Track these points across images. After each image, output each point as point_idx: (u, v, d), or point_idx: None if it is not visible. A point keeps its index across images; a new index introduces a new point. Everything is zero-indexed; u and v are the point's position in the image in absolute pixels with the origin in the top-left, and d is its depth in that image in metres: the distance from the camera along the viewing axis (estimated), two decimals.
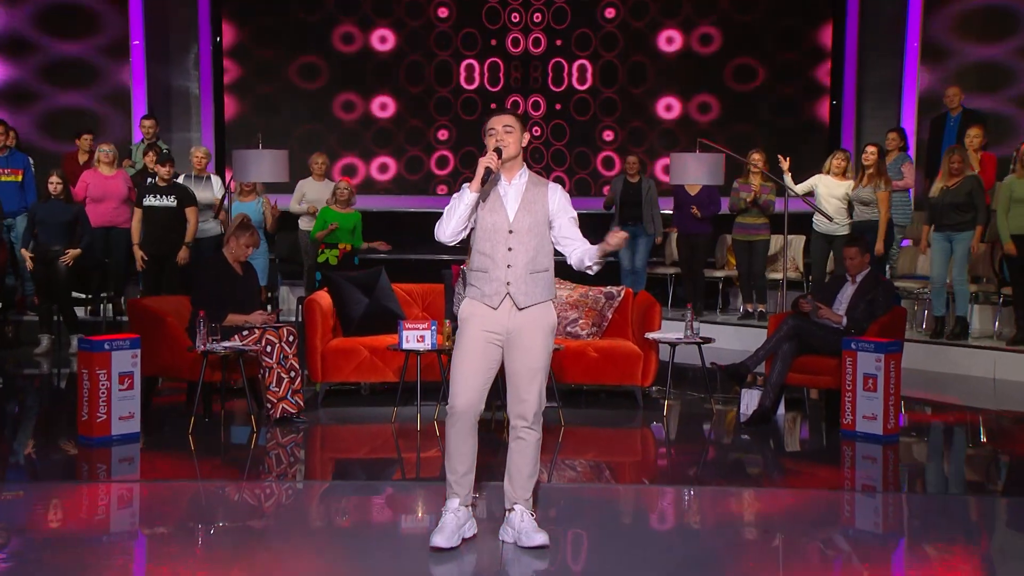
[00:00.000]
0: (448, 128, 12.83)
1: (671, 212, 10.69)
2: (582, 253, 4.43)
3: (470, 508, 4.55)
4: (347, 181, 9.68)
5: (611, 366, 7.43)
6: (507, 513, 4.53)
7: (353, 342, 7.48)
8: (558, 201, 4.46)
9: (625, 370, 7.42)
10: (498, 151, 4.36)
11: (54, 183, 9.25)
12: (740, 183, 10.17)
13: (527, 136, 4.48)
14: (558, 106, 12.75)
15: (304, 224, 10.26)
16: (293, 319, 10.48)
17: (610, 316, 7.79)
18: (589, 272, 4.46)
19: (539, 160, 12.78)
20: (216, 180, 9.89)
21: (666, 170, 12.09)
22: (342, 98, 12.79)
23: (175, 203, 9.15)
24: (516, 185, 4.44)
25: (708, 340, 7.37)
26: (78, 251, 9.20)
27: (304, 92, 12.74)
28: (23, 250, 9.34)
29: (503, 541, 4.52)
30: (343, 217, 9.55)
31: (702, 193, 10.29)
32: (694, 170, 8.54)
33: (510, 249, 4.38)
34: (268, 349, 6.71)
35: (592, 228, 12.05)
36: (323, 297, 7.61)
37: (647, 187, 10.60)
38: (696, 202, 10.31)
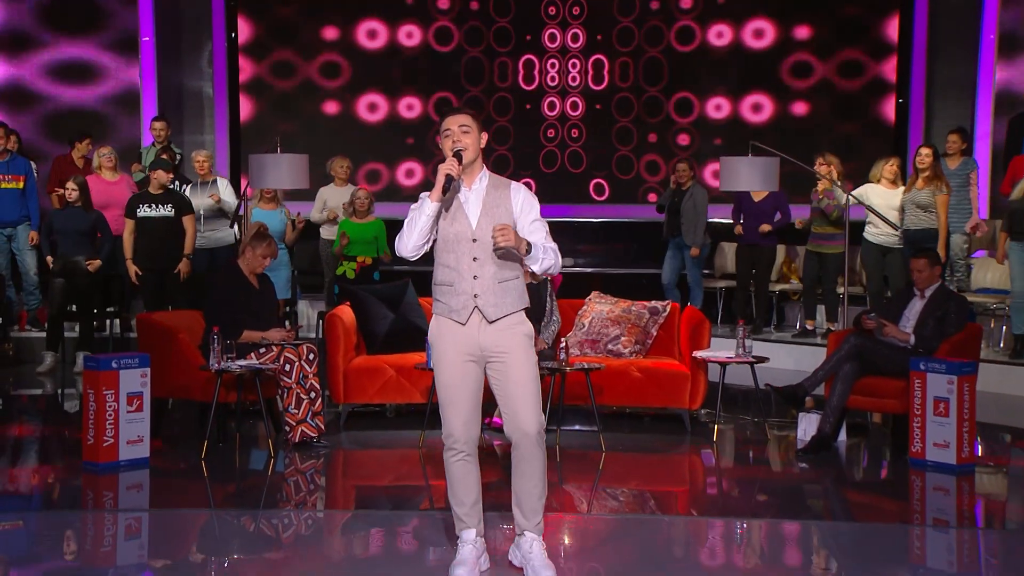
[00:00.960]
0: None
1: (731, 220, 10.60)
2: None
3: (483, 538, 4.59)
4: (365, 188, 9.72)
5: (656, 387, 7.43)
6: (517, 537, 4.57)
7: (378, 360, 7.50)
8: (521, 203, 4.47)
9: (671, 392, 7.41)
10: (458, 155, 4.38)
11: (70, 190, 9.34)
12: (814, 192, 10.08)
13: (485, 136, 4.46)
14: (598, 106, 12.77)
15: (325, 233, 10.34)
16: (313, 336, 10.52)
17: (655, 333, 7.79)
18: (534, 278, 4.49)
19: (577, 164, 12.78)
20: (223, 182, 9.95)
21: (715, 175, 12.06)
22: (366, 98, 12.89)
23: (172, 212, 9.19)
24: (477, 190, 4.46)
25: (762, 359, 7.33)
26: (99, 262, 9.30)
27: (326, 92, 12.85)
28: (48, 257, 9.43)
29: (511, 562, 4.59)
30: (360, 228, 9.58)
31: (768, 201, 10.23)
32: (746, 175, 8.49)
33: (475, 259, 4.41)
34: (287, 368, 6.74)
35: (638, 236, 12.02)
36: (345, 312, 7.65)
37: (689, 195, 10.56)
38: (760, 211, 10.24)
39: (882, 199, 9.56)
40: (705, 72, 12.66)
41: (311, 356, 6.85)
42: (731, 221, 10.64)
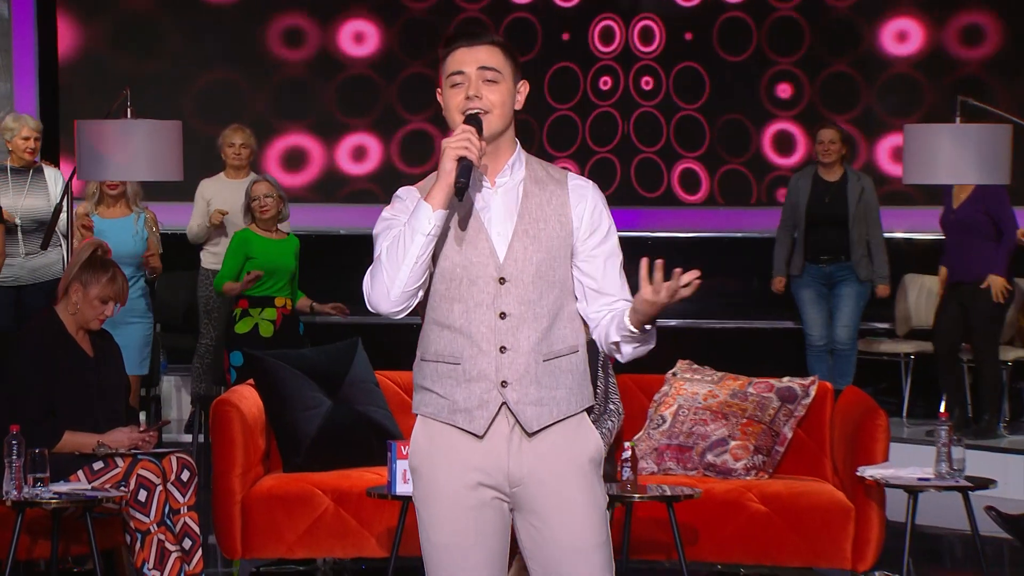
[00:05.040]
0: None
1: (910, 235, 10.62)
2: (610, 316, 4.37)
3: None
4: (267, 186, 9.58)
5: (794, 530, 7.41)
6: None
7: (302, 482, 7.48)
8: (590, 213, 4.42)
9: (821, 538, 7.39)
10: (476, 122, 4.28)
11: None
12: None
13: (524, 88, 4.38)
14: (688, 35, 12.82)
15: (208, 260, 10.31)
16: (189, 440, 10.50)
17: (790, 435, 7.76)
18: (618, 357, 4.38)
19: (653, 141, 12.79)
20: (54, 174, 9.94)
21: (895, 156, 12.05)
22: (282, 22, 12.96)
23: None
24: (505, 188, 4.38)
25: (984, 483, 7.26)
26: None
27: (210, 13, 12.90)
28: None
29: None
30: (272, 248, 9.54)
31: (974, 205, 10.25)
32: (950, 156, 8.48)
33: (503, 315, 4.34)
34: (141, 497, 6.71)
35: (759, 262, 12.03)
36: (246, 398, 7.63)
37: (858, 190, 10.63)
38: (966, 216, 10.20)
39: None
40: None
41: (184, 475, 6.83)
42: (910, 235, 10.66)
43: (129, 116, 8.29)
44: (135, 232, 9.75)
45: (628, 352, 4.35)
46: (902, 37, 12.76)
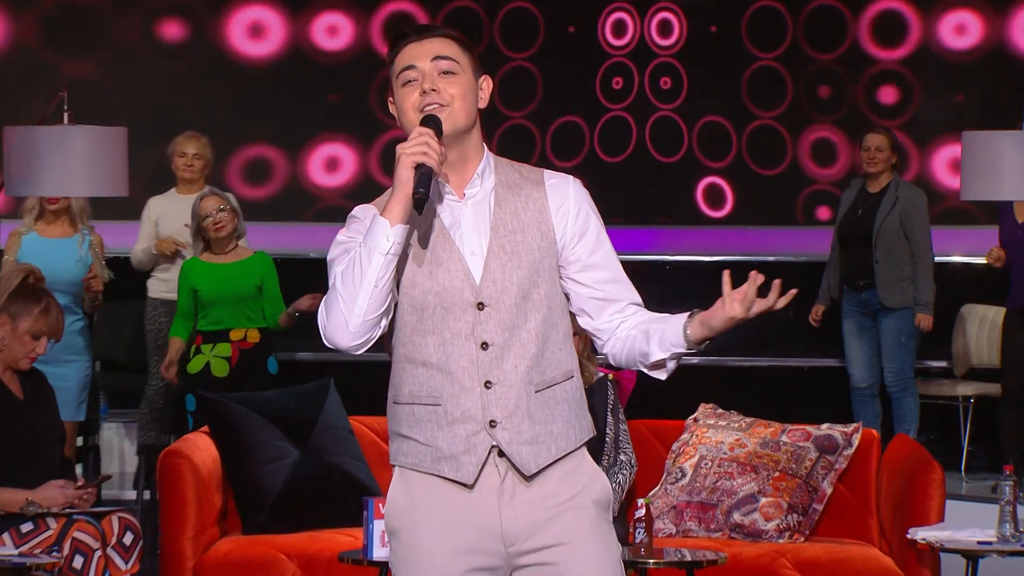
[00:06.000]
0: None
1: (972, 259, 10.64)
2: (638, 330, 4.38)
3: None
4: (217, 198, 9.50)
5: None
6: None
7: (264, 545, 7.49)
8: (574, 215, 4.43)
9: None
10: (433, 122, 4.30)
11: None
12: None
13: (488, 85, 4.43)
14: (713, 28, 12.85)
15: (158, 290, 10.30)
16: (133, 497, 10.51)
17: (829, 491, 7.77)
18: (655, 375, 4.38)
19: (668, 145, 12.81)
20: None
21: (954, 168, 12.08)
22: (249, 12, 13.01)
23: None
24: (476, 199, 4.42)
25: None
26: None
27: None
28: None
29: None
30: (223, 274, 9.56)
31: None
32: (1016, 169, 8.52)
33: (485, 346, 4.37)
34: (77, 564, 6.70)
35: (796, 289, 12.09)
36: (200, 449, 7.63)
37: (900, 203, 10.70)
38: None
39: None
40: None
41: (127, 539, 6.86)
42: (969, 259, 10.79)
43: (67, 121, 8.28)
44: (78, 256, 9.59)
45: (672, 368, 4.37)
46: (961, 31, 12.81)
